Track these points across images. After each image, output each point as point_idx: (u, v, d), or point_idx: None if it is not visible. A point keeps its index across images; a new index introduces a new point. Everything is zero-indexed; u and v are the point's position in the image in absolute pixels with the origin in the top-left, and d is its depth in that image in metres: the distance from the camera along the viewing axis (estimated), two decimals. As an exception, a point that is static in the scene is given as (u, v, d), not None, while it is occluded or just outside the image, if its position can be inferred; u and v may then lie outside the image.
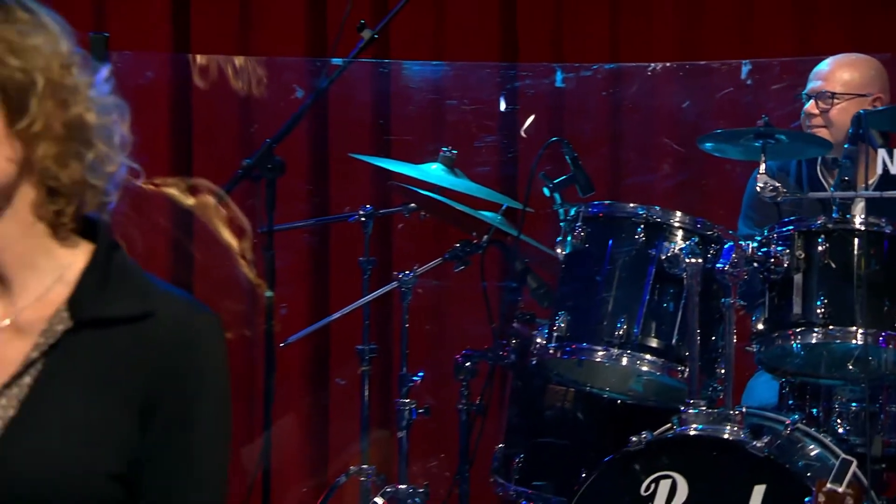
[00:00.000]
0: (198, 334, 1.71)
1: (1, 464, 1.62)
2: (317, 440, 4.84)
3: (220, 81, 4.75)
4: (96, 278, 1.69)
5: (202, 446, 1.71)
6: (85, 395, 1.65)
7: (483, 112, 4.83)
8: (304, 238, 4.80)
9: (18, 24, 1.63)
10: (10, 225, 1.65)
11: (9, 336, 1.67)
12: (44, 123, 1.62)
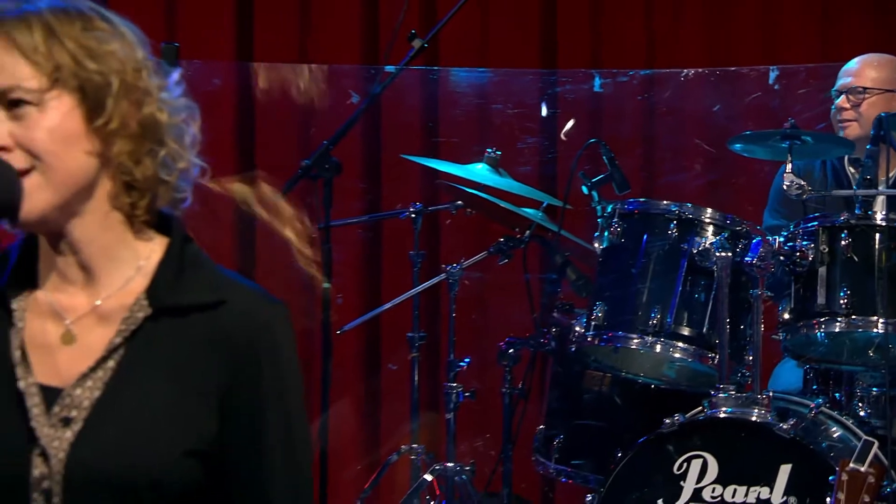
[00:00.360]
0: (267, 322, 1.71)
1: (88, 441, 1.64)
2: (370, 421, 4.85)
3: (280, 88, 4.78)
4: (172, 269, 1.70)
5: (284, 427, 1.71)
6: (163, 378, 1.66)
7: (525, 115, 4.82)
8: (358, 233, 4.80)
9: (97, 31, 1.64)
10: (92, 217, 1.66)
11: (93, 323, 1.68)
12: (119, 122, 1.64)
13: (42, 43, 1.61)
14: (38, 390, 1.65)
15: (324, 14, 4.84)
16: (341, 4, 4.82)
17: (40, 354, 1.67)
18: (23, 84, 1.59)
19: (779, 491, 3.22)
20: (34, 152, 1.60)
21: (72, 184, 1.63)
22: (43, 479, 1.62)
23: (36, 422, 1.63)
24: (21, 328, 1.68)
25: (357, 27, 4.80)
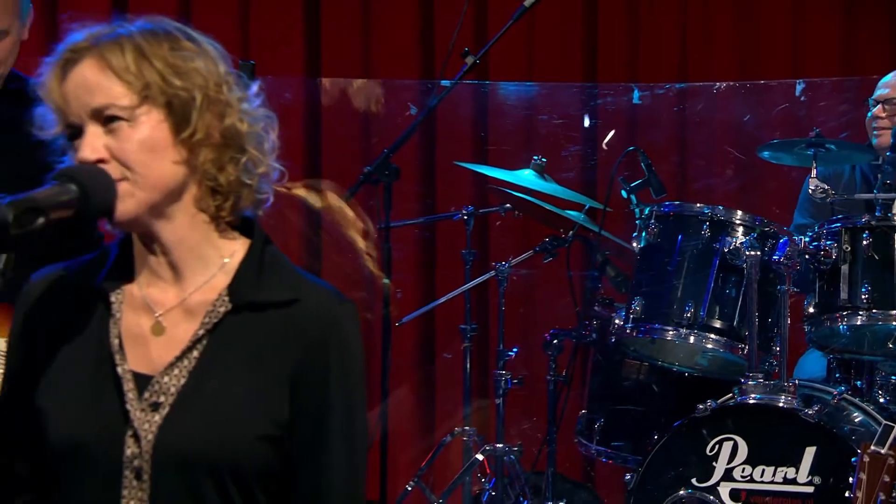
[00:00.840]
0: (337, 319, 1.72)
1: (174, 425, 1.66)
2: (426, 406, 4.85)
3: (344, 100, 4.81)
4: (252, 268, 1.71)
5: (346, 418, 1.71)
6: (242, 368, 1.68)
7: (568, 125, 4.80)
8: (415, 233, 4.81)
9: (182, 50, 1.67)
10: (180, 219, 1.68)
11: (180, 316, 1.70)
12: (204, 133, 1.66)
13: (133, 63, 1.63)
14: (132, 377, 1.68)
15: (384, 33, 4.85)
16: (400, 24, 4.83)
17: (134, 344, 1.70)
18: (116, 102, 1.62)
19: (804, 471, 3.20)
20: (126, 163, 1.62)
21: (160, 190, 1.65)
22: (134, 458, 1.65)
23: (130, 406, 1.66)
24: (118, 319, 1.71)
25: (414, 45, 4.81)
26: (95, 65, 1.64)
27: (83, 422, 1.67)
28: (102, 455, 1.65)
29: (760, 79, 4.66)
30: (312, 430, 1.69)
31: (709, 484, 3.28)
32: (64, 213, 1.57)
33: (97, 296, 1.72)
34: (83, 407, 1.67)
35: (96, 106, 1.62)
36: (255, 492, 1.66)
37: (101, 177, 1.60)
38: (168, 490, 1.65)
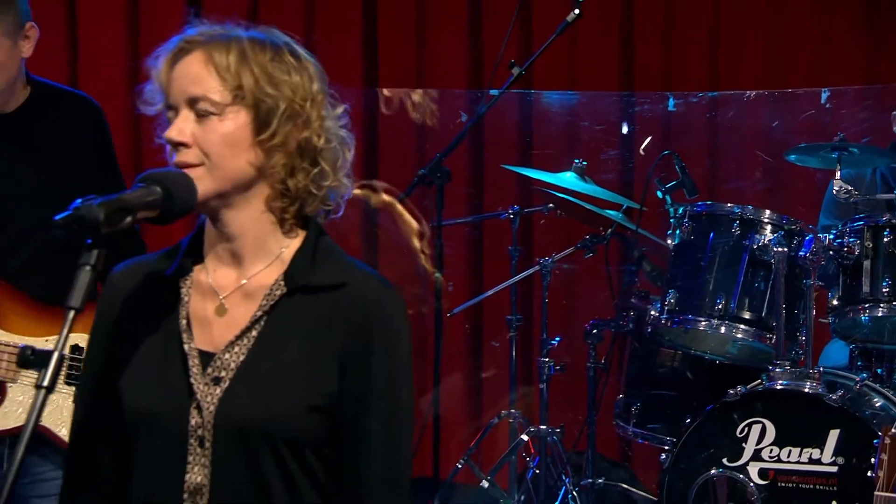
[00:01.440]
0: (381, 300, 1.73)
1: (233, 397, 1.68)
2: (475, 391, 4.83)
3: (400, 109, 4.80)
4: (306, 256, 1.73)
5: (389, 392, 1.72)
6: (296, 345, 1.70)
7: (607, 131, 4.77)
8: (465, 231, 4.79)
9: (282, 63, 1.70)
10: (248, 213, 1.71)
11: (240, 300, 1.73)
12: (281, 140, 1.68)
13: (234, 64, 1.67)
14: (197, 354, 1.71)
15: (437, 46, 4.84)
16: (451, 38, 4.81)
17: (200, 325, 1.73)
18: (210, 95, 1.66)
19: (828, 452, 3.18)
20: (206, 151, 1.66)
21: (230, 181, 1.68)
22: (197, 428, 1.68)
23: (194, 380, 1.69)
24: (187, 303, 1.74)
25: (464, 57, 4.79)
26: (201, 58, 1.67)
27: (153, 394, 1.70)
28: (170, 424, 1.69)
29: (787, 87, 4.62)
30: (355, 408, 1.70)
31: (739, 464, 3.27)
32: (149, 213, 1.61)
33: (169, 283, 1.75)
34: (153, 381, 1.71)
35: (192, 95, 1.66)
36: (307, 457, 1.68)
37: (184, 180, 1.64)
38: (228, 456, 1.67)
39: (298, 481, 1.68)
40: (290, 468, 1.67)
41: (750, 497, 3.25)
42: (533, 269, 4.27)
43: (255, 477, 1.66)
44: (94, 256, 1.54)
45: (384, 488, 1.70)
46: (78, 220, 1.52)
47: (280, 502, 1.67)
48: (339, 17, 4.79)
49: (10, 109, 2.57)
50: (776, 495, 3.24)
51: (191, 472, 1.68)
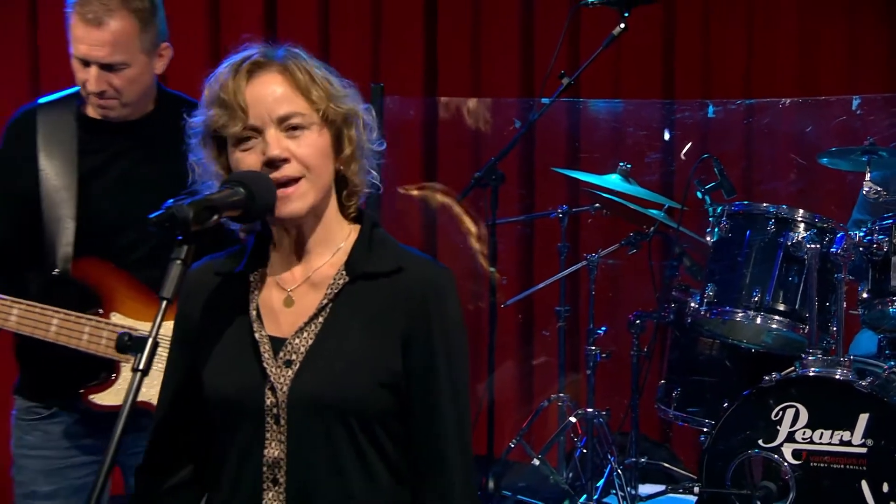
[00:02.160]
0: (435, 281, 1.75)
1: (304, 378, 1.70)
2: (526, 376, 4.82)
3: (458, 116, 4.80)
4: (364, 246, 1.76)
5: (449, 367, 1.73)
6: (360, 328, 1.72)
7: (650, 136, 4.73)
8: (517, 229, 4.78)
9: (329, 76, 1.73)
10: (323, 214, 1.75)
11: (306, 290, 1.75)
12: (351, 148, 1.73)
13: (310, 83, 1.69)
14: (269, 340, 1.73)
15: (491, 57, 4.83)
16: (505, 50, 4.80)
17: (269, 314, 1.75)
18: (299, 112, 1.68)
19: (858, 434, 3.16)
20: (305, 164, 1.68)
21: (324, 190, 1.72)
22: (273, 407, 1.70)
23: (267, 364, 1.71)
24: (256, 295, 1.76)
25: (517, 67, 4.79)
26: (281, 79, 1.68)
27: (231, 378, 1.72)
28: (247, 405, 1.70)
29: (821, 94, 4.57)
30: (423, 384, 1.72)
31: (774, 445, 3.25)
32: (234, 213, 1.64)
33: (239, 278, 1.78)
34: (230, 366, 1.73)
35: (284, 114, 1.67)
36: (376, 431, 1.70)
37: (265, 181, 1.65)
38: (301, 432, 1.69)
39: (368, 453, 1.70)
40: (359, 441, 1.69)
41: (784, 476, 3.23)
42: (580, 264, 4.27)
43: (328, 450, 1.68)
44: (184, 251, 1.57)
45: (456, 447, 1.73)
46: (169, 219, 1.55)
47: (351, 473, 1.69)
48: (402, 34, 4.80)
49: (135, 117, 2.58)
50: (809, 474, 3.23)
51: (269, 448, 1.69)
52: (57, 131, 2.53)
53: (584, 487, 4.09)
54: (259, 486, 1.69)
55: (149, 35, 2.52)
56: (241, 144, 1.69)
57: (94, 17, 2.43)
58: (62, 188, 2.50)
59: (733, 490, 3.27)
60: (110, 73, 2.48)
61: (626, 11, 3.69)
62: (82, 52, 2.46)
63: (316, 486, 1.69)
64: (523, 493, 4.20)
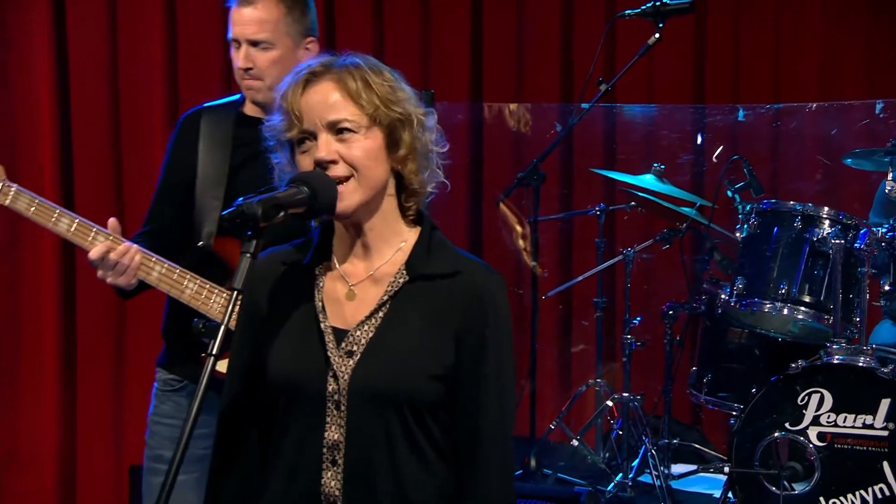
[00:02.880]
0: (489, 286, 1.74)
1: (364, 368, 1.71)
2: (566, 363, 4.80)
3: (500, 120, 4.79)
4: (423, 248, 1.76)
5: (497, 363, 1.74)
6: (417, 324, 1.73)
7: (683, 139, 4.69)
8: (557, 226, 4.78)
9: (390, 82, 1.71)
10: (380, 213, 1.75)
11: (368, 285, 1.76)
12: (407, 149, 1.72)
13: (363, 90, 1.68)
14: (332, 331, 1.73)
15: (533, 65, 4.80)
16: (546, 57, 4.77)
17: (333, 306, 1.75)
18: (350, 118, 1.67)
19: (880, 418, 3.17)
20: (353, 165, 1.68)
21: (374, 189, 1.71)
22: (334, 393, 1.71)
23: (331, 353, 1.71)
24: (321, 287, 1.76)
25: (557, 74, 4.76)
26: (334, 87, 1.68)
27: (295, 365, 1.73)
28: (310, 391, 1.71)
29: (845, 99, 4.52)
30: (470, 378, 1.72)
31: (800, 427, 3.27)
32: (298, 210, 1.64)
33: (305, 270, 1.78)
34: (295, 354, 1.73)
35: (333, 119, 1.67)
36: (427, 419, 1.71)
37: (326, 181, 1.66)
38: (359, 417, 1.70)
39: (419, 439, 1.71)
40: (411, 428, 1.70)
41: (809, 457, 3.24)
42: (617, 258, 4.28)
43: (383, 434, 1.69)
44: (253, 246, 1.59)
45: (496, 442, 1.73)
46: (240, 215, 1.57)
47: (404, 456, 1.70)
48: (450, 44, 4.77)
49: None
50: (833, 455, 3.23)
51: (329, 431, 1.71)
52: (217, 128, 2.60)
53: (620, 467, 4.09)
54: (319, 466, 1.71)
55: (294, 24, 2.55)
56: (301, 147, 1.71)
57: (247, 0, 2.52)
58: (215, 176, 2.57)
59: (761, 470, 3.27)
60: (255, 50, 2.52)
61: (661, 22, 3.71)
62: (235, 33, 2.54)
63: (371, 467, 1.70)
64: (563, 472, 4.19)
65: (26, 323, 4.59)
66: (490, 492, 1.72)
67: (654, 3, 3.69)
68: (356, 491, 1.70)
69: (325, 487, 1.71)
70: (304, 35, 2.59)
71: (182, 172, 2.62)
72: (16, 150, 4.64)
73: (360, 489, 1.70)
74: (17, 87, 4.64)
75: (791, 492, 3.24)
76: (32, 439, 4.58)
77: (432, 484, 1.72)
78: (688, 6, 3.72)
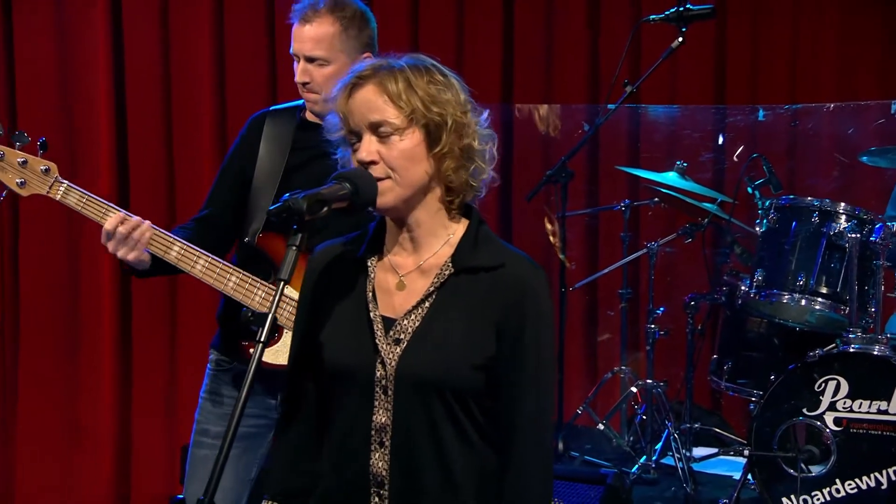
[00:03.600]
0: (530, 279, 1.72)
1: (410, 355, 1.71)
2: (592, 351, 4.78)
3: (530, 120, 4.77)
4: (469, 242, 1.74)
5: (536, 358, 1.72)
6: (461, 315, 1.72)
7: (704, 138, 4.67)
8: (584, 221, 4.75)
9: (437, 84, 1.70)
10: (424, 209, 1.74)
11: (416, 276, 1.76)
12: (448, 149, 1.70)
13: (403, 91, 1.67)
14: (381, 320, 1.73)
15: (561, 68, 4.78)
16: (573, 60, 4.75)
17: (383, 296, 1.76)
18: (389, 120, 1.67)
19: (894, 404, 3.17)
20: (391, 166, 1.68)
21: (412, 188, 1.71)
22: (382, 379, 1.71)
23: (379, 341, 1.72)
24: (372, 278, 1.77)
25: (584, 77, 4.74)
26: (376, 90, 1.68)
27: (347, 352, 1.74)
28: (360, 376, 1.72)
29: (861, 100, 4.47)
30: (510, 366, 1.70)
31: (817, 413, 3.26)
32: (341, 205, 1.65)
33: (359, 262, 1.78)
34: (347, 342, 1.74)
35: (374, 120, 1.67)
36: (469, 404, 1.70)
37: (368, 178, 1.67)
38: (405, 401, 1.70)
39: (462, 422, 1.70)
40: (455, 412, 1.69)
41: (826, 441, 3.24)
42: (641, 251, 4.28)
43: (428, 418, 1.69)
44: (299, 239, 1.60)
45: (534, 428, 1.72)
46: (286, 210, 1.58)
47: (447, 438, 1.70)
48: (482, 48, 4.77)
49: None
50: (848, 439, 3.23)
51: (376, 414, 1.71)
52: (278, 131, 2.63)
53: (644, 449, 4.11)
54: (367, 447, 1.72)
55: (350, 41, 2.55)
56: (351, 146, 1.73)
57: (305, 18, 2.54)
58: (270, 176, 2.60)
59: (780, 453, 3.28)
60: (312, 66, 2.54)
61: (684, 27, 3.71)
62: (294, 49, 2.57)
63: (416, 448, 1.70)
64: (589, 454, 4.20)
65: (85, 309, 4.67)
66: (526, 484, 1.71)
67: (678, 8, 3.68)
68: (402, 471, 1.71)
69: (374, 467, 1.72)
70: (361, 51, 2.58)
71: (242, 167, 2.66)
72: (74, 147, 4.70)
73: (406, 469, 1.71)
74: (76, 84, 4.70)
75: (808, 474, 3.25)
76: (91, 418, 4.66)
77: (475, 465, 1.72)
78: (710, 12, 3.71)
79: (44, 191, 2.48)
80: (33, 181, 2.47)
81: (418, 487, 1.70)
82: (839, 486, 3.22)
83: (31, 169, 2.48)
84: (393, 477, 1.71)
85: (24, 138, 2.48)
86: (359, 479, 1.73)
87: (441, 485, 1.70)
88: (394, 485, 1.71)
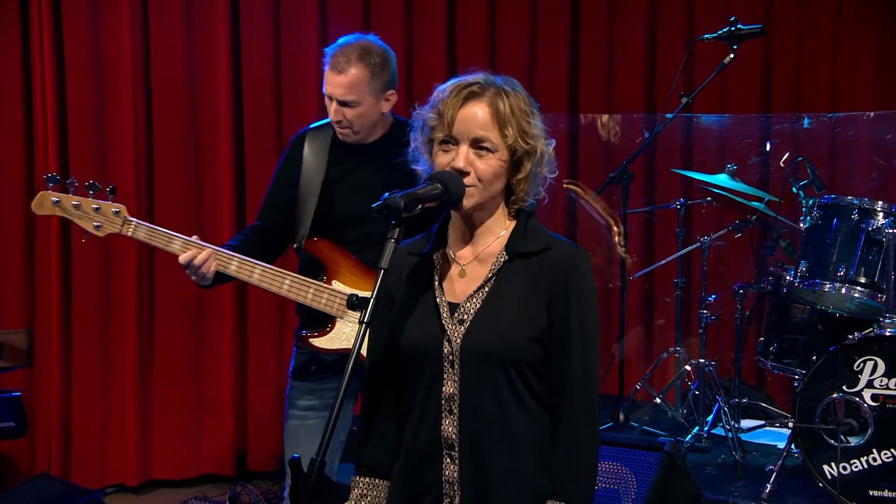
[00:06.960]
0: (575, 260, 1.75)
1: (473, 333, 1.74)
2: (650, 334, 4.78)
3: (594, 129, 4.79)
4: (520, 232, 1.78)
5: (580, 323, 1.73)
6: (516, 295, 1.75)
7: (753, 144, 4.62)
8: (643, 218, 4.73)
9: (530, 115, 1.72)
10: (491, 213, 1.79)
11: (476, 265, 1.80)
12: (526, 174, 1.76)
13: (509, 116, 1.70)
14: (447, 304, 1.78)
15: (621, 81, 4.78)
16: (633, 74, 4.75)
17: (447, 284, 1.80)
18: (490, 138, 1.70)
19: (927, 382, 3.15)
20: (480, 177, 1.72)
21: (490, 196, 1.76)
22: (449, 355, 1.75)
23: (445, 322, 1.76)
24: (438, 269, 1.82)
25: (643, 88, 4.74)
26: (488, 109, 1.69)
27: (419, 334, 1.78)
28: (430, 353, 1.76)
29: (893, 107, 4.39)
30: (558, 337, 1.73)
31: (855, 390, 3.26)
32: (432, 203, 1.69)
33: (426, 258, 1.83)
34: (419, 325, 1.79)
35: (478, 136, 1.70)
36: (526, 373, 1.73)
37: (456, 179, 1.71)
38: (470, 373, 1.73)
39: (520, 389, 1.73)
40: (514, 381, 1.72)
41: (864, 415, 3.24)
42: (695, 245, 4.25)
43: (490, 387, 1.72)
44: (396, 232, 1.65)
45: (582, 392, 1.74)
46: (386, 207, 1.63)
47: (508, 404, 1.73)
48: (551, 64, 4.80)
49: (369, 141, 2.71)
50: (885, 414, 3.23)
51: (445, 385, 1.75)
52: (318, 147, 2.73)
53: (697, 421, 4.11)
54: (439, 414, 1.75)
55: (377, 83, 2.63)
56: (443, 146, 1.73)
57: (337, 66, 2.62)
58: (312, 188, 2.70)
59: (821, 426, 3.29)
60: (345, 108, 2.62)
61: (735, 44, 3.73)
62: (328, 91, 2.66)
63: (481, 413, 1.73)
64: (647, 425, 4.21)
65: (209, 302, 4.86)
66: (576, 434, 1.72)
67: (730, 28, 3.69)
68: (469, 434, 1.73)
69: (445, 432, 1.75)
70: (385, 90, 2.65)
71: (288, 184, 2.76)
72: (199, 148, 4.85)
73: (473, 433, 1.73)
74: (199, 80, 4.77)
75: (847, 444, 3.25)
76: (214, 390, 4.87)
77: (533, 427, 1.75)
78: (759, 31, 3.72)
79: (117, 230, 2.61)
80: (107, 224, 2.60)
81: (484, 448, 1.73)
82: (875, 455, 3.23)
83: (103, 213, 2.60)
84: (462, 440, 1.74)
85: (96, 187, 2.61)
86: (432, 443, 1.76)
87: (504, 446, 1.73)
88: (463, 447, 1.74)
